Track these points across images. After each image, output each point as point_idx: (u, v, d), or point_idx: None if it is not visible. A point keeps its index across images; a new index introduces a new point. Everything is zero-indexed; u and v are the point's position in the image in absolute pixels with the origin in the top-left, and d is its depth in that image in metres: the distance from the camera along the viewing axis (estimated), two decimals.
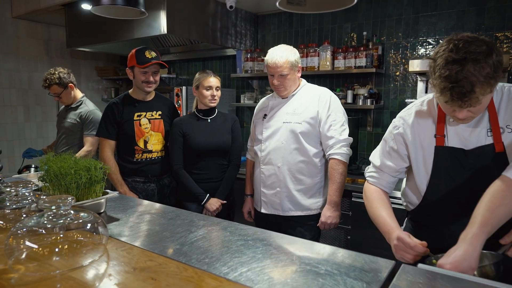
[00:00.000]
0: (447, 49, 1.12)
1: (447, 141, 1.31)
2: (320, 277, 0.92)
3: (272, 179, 2.17)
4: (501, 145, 1.23)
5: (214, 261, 1.00)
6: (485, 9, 3.00)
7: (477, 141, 1.27)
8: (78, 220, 1.00)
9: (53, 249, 0.96)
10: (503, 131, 1.24)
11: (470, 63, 1.07)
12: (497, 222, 1.09)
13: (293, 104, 2.16)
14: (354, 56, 3.31)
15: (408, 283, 0.89)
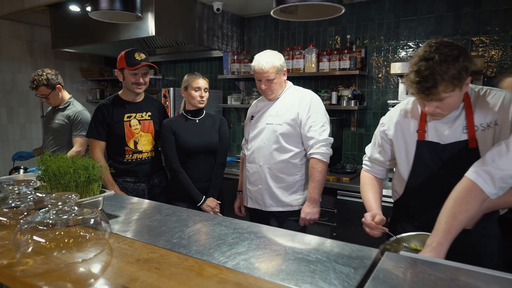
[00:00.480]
0: (422, 49, 1.27)
1: (427, 136, 1.45)
2: (311, 264, 1.00)
3: (255, 176, 2.28)
4: (474, 142, 1.36)
5: (213, 252, 1.07)
6: (461, 15, 3.16)
7: (453, 137, 1.40)
8: (82, 216, 1.05)
9: (59, 243, 1.01)
10: (477, 129, 1.36)
11: (437, 62, 1.20)
12: (460, 227, 1.20)
13: (277, 107, 2.25)
14: (338, 58, 3.42)
15: (391, 267, 0.97)
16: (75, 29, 3.95)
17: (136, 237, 1.18)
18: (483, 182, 1.20)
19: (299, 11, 1.28)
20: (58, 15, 4.03)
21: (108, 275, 0.91)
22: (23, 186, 1.19)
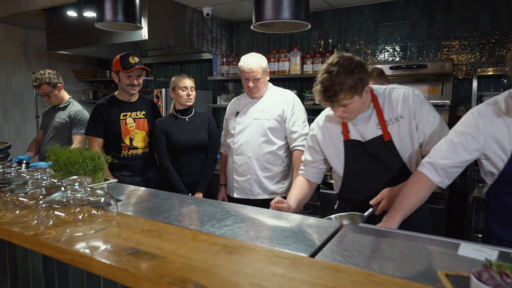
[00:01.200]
0: (327, 63, 1.55)
1: (351, 136, 1.68)
2: (285, 232, 1.21)
3: (244, 167, 2.50)
4: (388, 135, 1.61)
5: (204, 224, 1.28)
6: (433, 21, 3.43)
7: (371, 134, 1.64)
8: (94, 195, 1.25)
9: (75, 217, 1.20)
10: (388, 124, 1.61)
11: (336, 75, 1.47)
12: (411, 206, 1.45)
13: (262, 104, 2.48)
14: (321, 61, 3.66)
15: (349, 234, 1.20)
16: (70, 32, 4.11)
17: (138, 215, 1.38)
18: (429, 171, 1.44)
19: (275, 26, 1.49)
20: (54, 19, 4.19)
21: (119, 240, 1.11)
22: (40, 173, 1.38)
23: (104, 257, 0.99)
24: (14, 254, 1.29)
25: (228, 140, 2.63)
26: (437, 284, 0.87)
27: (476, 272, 0.79)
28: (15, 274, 1.30)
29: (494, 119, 1.35)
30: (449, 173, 1.44)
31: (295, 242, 1.13)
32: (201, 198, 1.72)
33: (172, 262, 0.96)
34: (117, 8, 1.54)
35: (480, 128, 1.37)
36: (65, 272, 1.13)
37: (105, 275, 0.97)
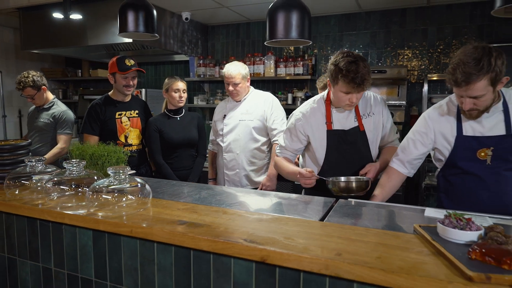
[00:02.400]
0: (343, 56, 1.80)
1: (333, 126, 1.99)
2: (294, 206, 1.52)
3: (233, 163, 2.81)
4: (362, 126, 1.98)
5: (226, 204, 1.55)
6: (390, 31, 3.91)
7: (350, 124, 1.98)
8: (133, 181, 1.48)
9: (120, 200, 1.43)
10: (362, 118, 1.98)
11: (361, 61, 1.76)
12: (386, 194, 1.83)
13: (246, 106, 2.81)
14: (293, 65, 4.01)
15: (343, 205, 1.53)
16: (45, 32, 4.13)
17: (165, 198, 1.62)
18: (398, 166, 1.84)
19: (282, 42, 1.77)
20: (28, 18, 4.18)
21: (163, 216, 1.35)
22: (75, 166, 1.57)
23: (161, 227, 1.24)
24: (59, 235, 1.48)
25: (217, 139, 2.91)
26: (414, 233, 1.22)
27: (440, 220, 1.15)
28: (60, 253, 1.49)
29: (440, 118, 1.76)
30: (413, 165, 1.84)
31: (305, 212, 1.44)
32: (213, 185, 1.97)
33: (217, 227, 1.24)
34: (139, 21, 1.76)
35: (430, 126, 1.77)
36: (117, 245, 1.36)
37: (164, 241, 1.22)
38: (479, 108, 1.57)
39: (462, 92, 1.55)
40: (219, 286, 1.19)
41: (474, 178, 1.69)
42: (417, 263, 0.98)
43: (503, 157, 1.64)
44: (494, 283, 0.86)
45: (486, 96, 1.53)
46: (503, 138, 1.63)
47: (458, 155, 1.71)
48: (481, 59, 1.46)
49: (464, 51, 1.53)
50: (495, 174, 1.66)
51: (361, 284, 0.99)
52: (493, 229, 1.07)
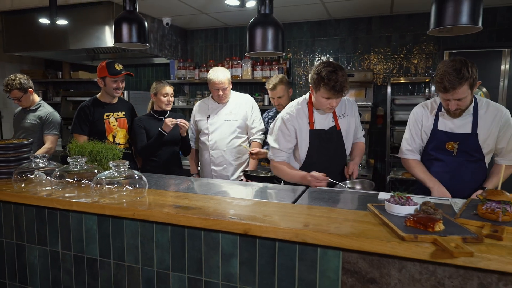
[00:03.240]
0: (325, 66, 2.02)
1: (315, 126, 2.24)
2: (269, 192, 1.79)
3: (220, 159, 3.08)
4: (338, 126, 2.26)
5: (212, 192, 1.80)
6: (358, 38, 4.25)
7: (329, 124, 2.25)
8: (132, 173, 1.70)
9: (120, 189, 1.65)
10: (339, 118, 2.26)
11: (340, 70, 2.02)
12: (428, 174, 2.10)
13: (229, 108, 3.09)
14: (269, 68, 4.29)
15: (312, 191, 1.82)
16: (27, 36, 4.23)
17: (158, 189, 1.85)
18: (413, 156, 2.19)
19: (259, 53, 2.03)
20: (11, 21, 4.26)
21: (160, 201, 1.58)
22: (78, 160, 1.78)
23: (159, 210, 1.47)
24: (67, 221, 1.69)
25: (202, 138, 3.14)
26: (368, 210, 1.51)
27: (386, 199, 1.45)
28: (67, 237, 1.70)
29: (424, 113, 2.13)
30: (418, 151, 2.20)
31: (278, 197, 1.72)
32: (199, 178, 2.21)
33: (206, 209, 1.49)
34: (132, 32, 1.97)
35: (418, 121, 2.14)
36: (120, 227, 1.58)
37: (162, 221, 1.46)
38: (461, 108, 1.95)
39: (449, 96, 1.89)
40: (209, 258, 1.44)
41: (441, 163, 2.08)
42: (366, 230, 1.27)
43: (467, 150, 2.03)
44: (419, 240, 1.16)
45: (467, 98, 1.90)
46: (468, 136, 2.01)
47: (431, 144, 2.10)
48: (461, 69, 1.81)
49: (446, 64, 1.87)
50: (458, 163, 2.05)
51: (323, 247, 1.27)
52: (426, 204, 1.38)
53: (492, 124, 1.99)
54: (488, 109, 2.01)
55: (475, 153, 2.03)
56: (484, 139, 2.00)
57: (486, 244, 1.14)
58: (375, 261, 1.23)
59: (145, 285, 1.58)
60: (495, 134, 2.00)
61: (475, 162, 2.05)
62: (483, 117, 2.00)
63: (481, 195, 1.41)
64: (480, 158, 2.05)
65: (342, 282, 1.27)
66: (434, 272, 1.17)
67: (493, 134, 2.00)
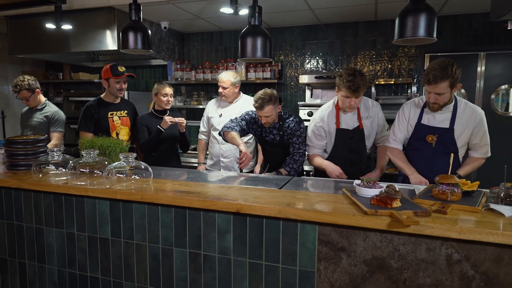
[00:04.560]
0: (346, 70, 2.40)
1: (341, 125, 2.59)
2: (259, 181, 2.05)
3: (228, 152, 3.43)
4: (362, 126, 2.57)
5: (212, 181, 2.05)
6: (345, 41, 4.52)
7: (353, 124, 2.58)
8: (138, 163, 1.94)
9: (129, 178, 1.90)
10: (363, 119, 2.58)
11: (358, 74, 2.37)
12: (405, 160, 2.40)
13: (238, 108, 3.38)
14: (262, 70, 4.55)
15: (297, 180, 2.07)
16: (31, 39, 4.44)
17: (160, 178, 2.10)
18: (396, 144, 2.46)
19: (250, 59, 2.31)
20: (16, 25, 4.48)
21: (164, 188, 1.83)
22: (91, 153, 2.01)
23: (164, 194, 1.72)
24: (81, 206, 1.93)
25: (214, 133, 3.47)
26: (343, 194, 1.77)
27: (357, 184, 1.71)
28: (82, 220, 1.94)
29: (411, 109, 2.42)
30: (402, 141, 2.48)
31: (265, 185, 1.97)
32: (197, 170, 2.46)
33: (205, 193, 1.74)
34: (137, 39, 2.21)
35: (405, 114, 2.43)
36: (129, 210, 1.83)
37: (167, 203, 1.70)
38: (439, 103, 2.22)
39: (431, 89, 2.17)
40: (207, 234, 1.69)
41: (420, 153, 2.39)
42: (338, 208, 1.53)
43: (444, 143, 2.32)
44: (379, 214, 1.42)
45: (445, 95, 2.17)
46: (446, 130, 2.31)
47: (414, 136, 2.40)
48: (447, 67, 2.10)
49: (436, 62, 2.17)
50: (435, 154, 2.35)
51: (302, 222, 1.52)
52: (389, 187, 1.64)
53: (468, 122, 2.27)
54: (465, 109, 2.29)
55: (450, 146, 2.32)
56: (459, 134, 2.29)
57: (433, 217, 1.40)
58: (344, 233, 1.49)
59: (152, 260, 1.82)
60: (470, 131, 2.29)
61: (448, 154, 2.29)
62: (461, 115, 2.28)
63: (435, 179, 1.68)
64: (454, 151, 2.32)
65: (318, 251, 1.53)
66: (391, 240, 1.43)
67: (467, 130, 2.28)
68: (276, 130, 2.86)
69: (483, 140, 2.32)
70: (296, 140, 2.73)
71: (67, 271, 2.03)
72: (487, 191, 1.72)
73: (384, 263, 1.45)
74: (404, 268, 1.43)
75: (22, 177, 2.06)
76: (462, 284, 1.37)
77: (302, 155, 2.72)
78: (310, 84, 4.34)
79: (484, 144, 2.33)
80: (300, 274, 1.56)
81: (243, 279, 1.65)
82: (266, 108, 2.68)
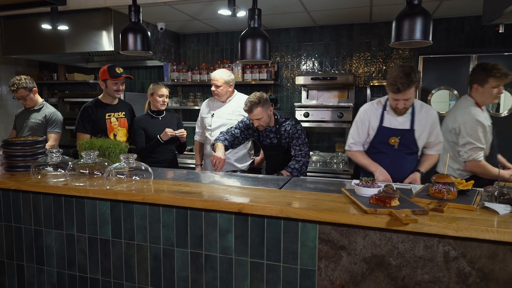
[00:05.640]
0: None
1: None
2: (258, 181, 2.07)
3: None
4: None
5: (210, 181, 2.07)
6: (340, 43, 4.57)
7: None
8: (139, 164, 1.95)
9: (130, 179, 1.91)
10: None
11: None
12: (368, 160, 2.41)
13: (232, 107, 3.35)
14: (258, 71, 4.57)
15: (296, 180, 2.10)
16: (27, 39, 4.42)
17: (160, 179, 2.11)
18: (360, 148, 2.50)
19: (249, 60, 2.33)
20: (10, 25, 4.45)
21: (165, 188, 1.85)
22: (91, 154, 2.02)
23: (165, 195, 1.74)
24: (82, 207, 1.93)
25: (206, 133, 3.45)
26: (342, 194, 1.80)
27: (356, 183, 1.74)
28: (82, 221, 1.94)
29: (372, 112, 2.43)
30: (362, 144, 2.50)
31: (269, 185, 2.00)
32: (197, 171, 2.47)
33: (206, 194, 1.76)
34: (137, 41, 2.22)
35: (366, 118, 2.44)
36: (130, 210, 1.84)
37: (168, 204, 1.72)
38: (407, 107, 2.30)
39: (399, 97, 2.22)
40: (208, 234, 1.71)
41: (384, 155, 2.41)
42: (337, 207, 1.55)
43: (406, 144, 2.37)
44: (378, 213, 1.45)
45: (412, 98, 2.27)
46: (407, 131, 2.35)
47: (377, 139, 2.42)
48: (410, 74, 2.17)
49: (397, 70, 2.22)
50: (398, 155, 2.40)
51: (303, 221, 1.55)
52: (387, 186, 1.67)
53: (426, 122, 2.37)
54: (422, 109, 2.39)
55: (412, 146, 2.40)
56: (419, 134, 2.38)
57: (430, 215, 1.43)
58: (344, 231, 1.51)
59: (153, 261, 1.84)
60: (427, 130, 2.39)
61: (411, 154, 2.44)
62: (418, 115, 2.37)
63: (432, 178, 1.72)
64: (415, 151, 2.43)
65: (318, 249, 1.55)
66: (390, 238, 1.46)
67: (426, 130, 2.38)
68: (273, 134, 2.89)
69: (438, 138, 2.43)
70: (296, 142, 2.75)
71: (67, 272, 2.03)
72: (481, 190, 1.77)
73: (383, 261, 1.48)
74: (402, 265, 1.46)
75: (20, 179, 2.05)
76: (459, 280, 1.41)
77: (305, 156, 2.72)
78: (306, 85, 4.37)
79: (438, 142, 2.44)
80: (301, 272, 1.58)
81: (245, 278, 1.67)
82: (255, 111, 2.72)
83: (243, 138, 3.03)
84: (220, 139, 2.88)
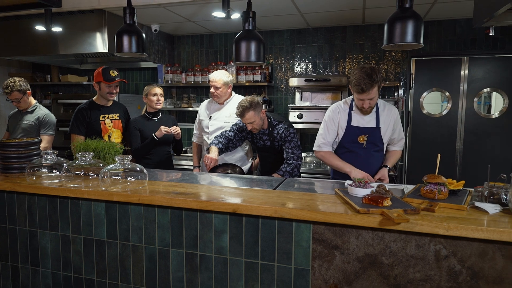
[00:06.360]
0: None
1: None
2: (253, 181, 2.09)
3: None
4: None
5: (205, 182, 2.08)
6: (334, 45, 4.61)
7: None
8: (134, 165, 1.96)
9: (125, 180, 1.91)
10: None
11: None
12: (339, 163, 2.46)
13: (229, 110, 3.34)
14: (252, 73, 4.60)
15: (290, 181, 2.12)
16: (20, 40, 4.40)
17: (155, 180, 2.12)
18: (329, 148, 2.50)
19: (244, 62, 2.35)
20: (2, 26, 4.42)
21: (160, 189, 1.86)
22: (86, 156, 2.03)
23: (161, 196, 1.75)
24: (77, 208, 1.94)
25: (204, 136, 3.45)
26: (335, 194, 1.83)
27: (348, 184, 1.77)
28: (77, 222, 1.95)
29: (340, 112, 2.51)
30: (331, 144, 2.56)
31: (263, 186, 2.02)
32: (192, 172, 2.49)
33: (201, 194, 1.77)
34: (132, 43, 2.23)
35: (335, 118, 2.52)
36: (126, 211, 1.85)
37: (164, 204, 1.73)
38: (372, 106, 2.40)
39: (364, 97, 2.29)
40: (204, 234, 1.73)
41: (354, 154, 2.51)
42: (331, 207, 1.58)
43: (373, 142, 2.48)
44: (371, 212, 1.47)
45: (376, 97, 2.36)
46: (374, 129, 2.48)
47: (346, 138, 2.51)
48: (372, 74, 2.25)
49: (359, 71, 2.28)
50: (367, 153, 2.50)
51: (297, 221, 1.57)
52: (380, 187, 1.70)
53: (389, 119, 2.50)
54: (385, 107, 2.52)
55: (379, 143, 2.51)
56: (384, 131, 2.51)
57: (422, 215, 1.46)
58: (337, 231, 1.54)
59: (148, 261, 1.85)
60: (391, 127, 2.53)
61: (378, 151, 2.54)
62: (382, 114, 2.49)
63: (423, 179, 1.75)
64: (381, 148, 2.55)
65: (312, 249, 1.58)
66: (382, 237, 1.49)
67: (390, 127, 2.52)
68: (266, 136, 2.93)
69: (400, 135, 2.59)
70: (289, 145, 2.79)
71: (62, 273, 2.03)
72: (471, 190, 1.80)
73: (376, 260, 1.51)
74: (395, 264, 1.49)
75: (15, 180, 2.05)
76: (449, 279, 1.44)
77: (297, 159, 2.75)
78: (300, 87, 4.40)
79: (401, 138, 2.61)
80: (295, 272, 1.60)
81: (239, 278, 1.69)
82: (247, 115, 2.77)
83: (237, 140, 3.05)
84: (214, 142, 2.94)
